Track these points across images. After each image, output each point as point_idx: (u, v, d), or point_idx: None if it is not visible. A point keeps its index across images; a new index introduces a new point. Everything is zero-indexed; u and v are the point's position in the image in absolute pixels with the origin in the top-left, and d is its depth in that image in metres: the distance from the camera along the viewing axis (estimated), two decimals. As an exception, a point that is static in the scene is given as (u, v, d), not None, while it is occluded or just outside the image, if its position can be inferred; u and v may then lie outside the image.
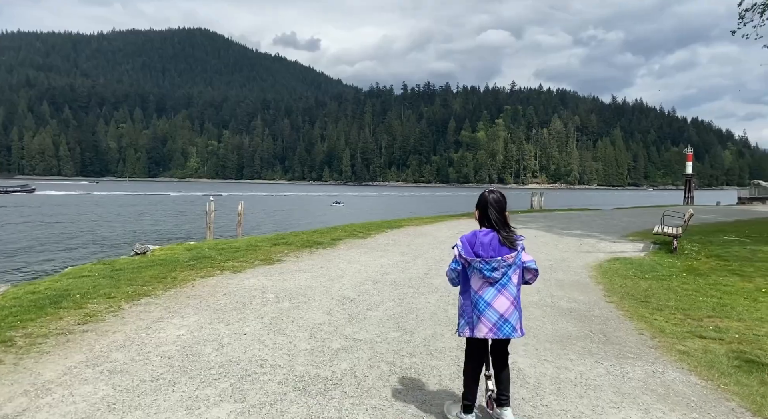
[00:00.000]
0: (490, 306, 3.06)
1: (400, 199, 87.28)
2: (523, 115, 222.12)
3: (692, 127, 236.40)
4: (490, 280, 3.05)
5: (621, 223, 17.60)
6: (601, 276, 8.70)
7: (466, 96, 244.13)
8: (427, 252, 10.38)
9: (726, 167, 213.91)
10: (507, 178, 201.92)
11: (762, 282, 7.99)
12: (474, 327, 3.10)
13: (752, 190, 50.42)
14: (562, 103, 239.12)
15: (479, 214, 3.26)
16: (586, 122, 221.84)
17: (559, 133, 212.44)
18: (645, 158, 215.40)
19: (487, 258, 3.05)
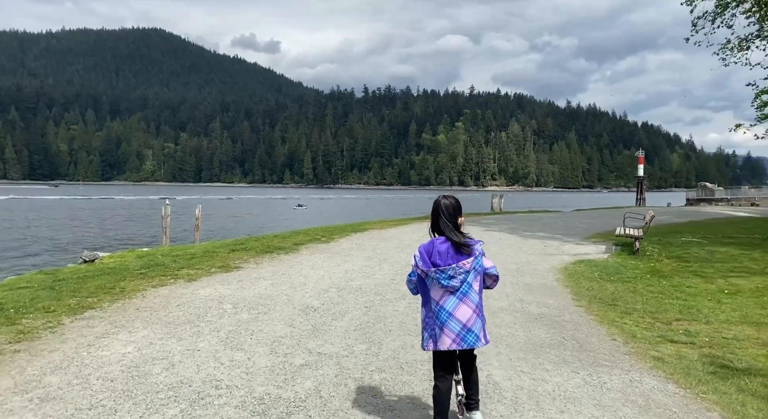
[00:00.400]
0: (453, 316, 2.95)
1: (363, 202, 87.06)
2: (482, 118, 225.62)
3: (643, 131, 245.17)
4: (450, 289, 2.95)
5: (582, 225, 17.81)
6: (568, 279, 8.63)
7: (426, 99, 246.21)
8: (392, 256, 10.11)
9: (674, 170, 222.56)
10: (467, 181, 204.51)
11: (723, 284, 8.06)
12: (437, 339, 2.99)
13: (699, 191, 52.52)
14: (519, 107, 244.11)
15: (432, 221, 3.15)
16: (542, 126, 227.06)
17: (516, 136, 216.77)
18: (599, 161, 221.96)
19: (443, 266, 2.94)
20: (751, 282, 8.08)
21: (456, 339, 2.95)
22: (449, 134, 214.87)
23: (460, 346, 2.97)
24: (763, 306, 6.71)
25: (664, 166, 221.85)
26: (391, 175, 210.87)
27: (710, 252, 10.96)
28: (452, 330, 2.95)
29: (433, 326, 3.01)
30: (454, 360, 3.13)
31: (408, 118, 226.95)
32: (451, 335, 2.95)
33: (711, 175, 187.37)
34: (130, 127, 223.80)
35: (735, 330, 5.71)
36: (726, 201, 47.06)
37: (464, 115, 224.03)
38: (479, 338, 3.00)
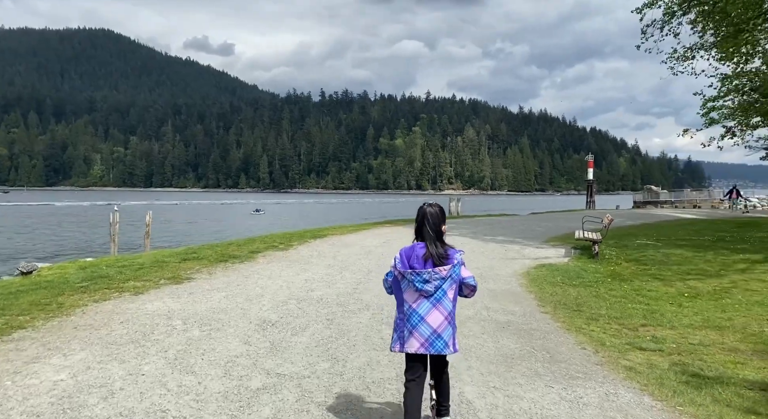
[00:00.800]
0: (424, 321, 2.96)
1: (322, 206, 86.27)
2: (439, 123, 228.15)
3: (591, 136, 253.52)
4: (424, 293, 2.97)
5: (540, 228, 17.95)
6: (531, 284, 8.53)
7: (383, 104, 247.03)
8: (354, 263, 9.79)
9: (621, 173, 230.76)
10: (425, 185, 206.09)
11: (682, 287, 8.12)
12: (405, 341, 3.00)
13: (645, 194, 54.41)
14: (474, 112, 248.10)
15: (416, 227, 3.21)
16: (496, 131, 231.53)
17: (472, 141, 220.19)
18: (550, 165, 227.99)
19: (418, 270, 2.99)
20: (708, 284, 8.18)
21: (425, 343, 2.96)
22: (407, 139, 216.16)
23: (428, 351, 2.98)
24: (723, 309, 6.75)
25: (612, 169, 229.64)
26: (349, 179, 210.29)
27: (666, 254, 11.13)
28: (422, 335, 2.95)
29: (403, 328, 3.02)
30: (425, 364, 3.11)
31: (365, 122, 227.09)
32: (420, 339, 2.96)
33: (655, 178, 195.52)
34: (76, 131, 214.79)
35: (700, 335, 5.68)
36: (670, 203, 48.80)
37: (421, 120, 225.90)
38: (448, 345, 2.99)
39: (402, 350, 3.02)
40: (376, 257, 10.53)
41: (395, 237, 13.76)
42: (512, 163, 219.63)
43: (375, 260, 10.19)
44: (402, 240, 13.33)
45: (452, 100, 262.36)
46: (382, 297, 7.10)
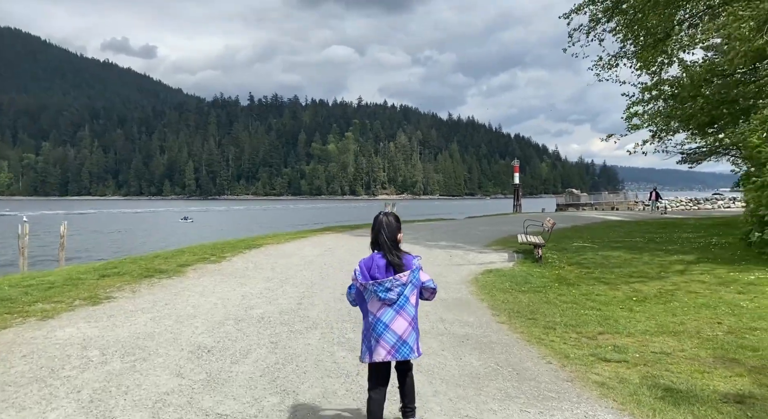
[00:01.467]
0: (389, 328, 3.01)
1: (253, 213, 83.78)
2: (371, 128, 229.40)
3: (516, 142, 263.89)
4: (387, 302, 3.02)
5: (479, 232, 17.96)
6: (481, 291, 8.27)
7: (315, 109, 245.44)
8: (295, 275, 9.16)
9: (543, 177, 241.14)
10: (358, 190, 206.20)
11: (628, 290, 8.11)
12: (372, 350, 3.03)
13: (567, 197, 56.79)
14: (405, 118, 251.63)
15: (372, 237, 3.23)
16: (427, 137, 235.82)
17: (404, 146, 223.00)
18: (478, 170, 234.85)
19: (380, 279, 3.02)
20: (652, 287, 8.22)
21: (391, 350, 3.00)
22: (339, 144, 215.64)
23: (395, 358, 3.02)
24: (673, 313, 6.72)
25: (535, 174, 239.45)
26: (280, 185, 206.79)
27: (604, 257, 11.27)
28: (388, 342, 2.99)
29: (370, 338, 3.05)
30: (388, 372, 3.15)
31: (297, 127, 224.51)
32: (387, 346, 3.00)
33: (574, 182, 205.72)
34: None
35: (659, 342, 5.55)
36: (590, 205, 50.98)
37: (353, 125, 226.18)
38: (413, 350, 3.07)
39: (371, 360, 3.03)
40: (318, 268, 9.95)
41: (336, 246, 13.22)
42: (443, 168, 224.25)
43: (317, 271, 9.61)
44: (344, 248, 12.82)
45: (384, 105, 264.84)
46: (331, 312, 6.57)
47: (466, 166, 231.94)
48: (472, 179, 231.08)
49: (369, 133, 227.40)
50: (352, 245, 13.36)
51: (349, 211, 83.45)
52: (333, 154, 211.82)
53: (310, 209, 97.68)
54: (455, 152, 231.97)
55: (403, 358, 3.05)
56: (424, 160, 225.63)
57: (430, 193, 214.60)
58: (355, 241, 14.19)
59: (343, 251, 12.20)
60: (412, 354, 3.06)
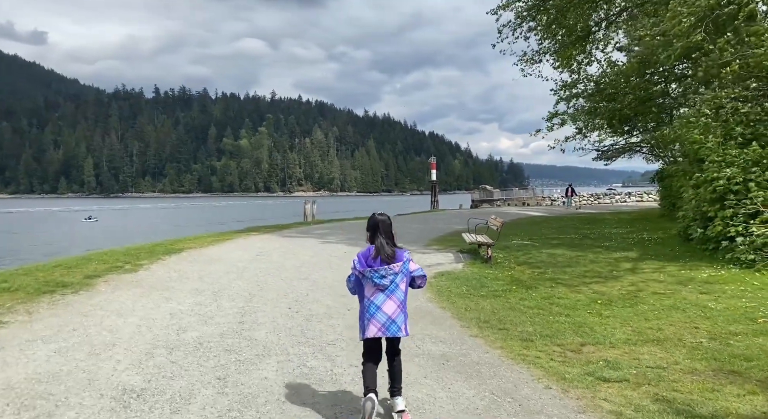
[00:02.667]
0: (380, 309, 3.49)
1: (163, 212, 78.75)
2: (286, 124, 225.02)
3: (430, 140, 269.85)
4: (380, 287, 3.52)
5: (414, 231, 17.45)
6: (439, 297, 7.67)
7: (226, 103, 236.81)
8: (229, 286, 8.05)
9: (457, 174, 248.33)
10: (274, 187, 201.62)
11: (589, 292, 7.82)
12: (365, 328, 3.51)
13: (481, 193, 58.36)
14: (321, 114, 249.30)
15: (370, 234, 3.73)
16: (344, 133, 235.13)
17: (320, 142, 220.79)
18: (395, 167, 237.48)
19: (376, 267, 3.52)
20: (611, 288, 8.00)
21: (381, 328, 3.48)
22: (252, 139, 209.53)
23: (385, 334, 3.51)
24: (644, 316, 6.43)
25: (449, 171, 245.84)
26: (190, 182, 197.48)
27: (550, 255, 11.08)
28: (379, 321, 3.47)
29: (363, 317, 3.54)
30: (380, 350, 3.66)
31: (207, 121, 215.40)
32: (377, 324, 3.48)
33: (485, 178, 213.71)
34: None
35: (647, 354, 5.16)
36: (503, 201, 52.48)
37: (267, 120, 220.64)
38: (401, 329, 3.56)
39: (364, 336, 3.53)
40: (253, 276, 8.88)
41: (268, 249, 12.11)
42: (360, 164, 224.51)
43: (253, 280, 8.54)
44: (277, 251, 11.74)
45: (299, 101, 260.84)
46: (281, 333, 5.65)
47: (383, 163, 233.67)
48: (389, 176, 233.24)
49: (284, 128, 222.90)
50: (285, 248, 12.32)
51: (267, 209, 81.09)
52: (246, 149, 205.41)
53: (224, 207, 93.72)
54: (372, 149, 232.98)
55: (392, 335, 3.52)
56: (341, 157, 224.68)
57: (348, 189, 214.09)
58: (287, 244, 13.15)
59: (277, 255, 11.15)
60: (400, 332, 3.55)
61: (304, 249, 12.23)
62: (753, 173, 8.37)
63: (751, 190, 8.27)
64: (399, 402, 3.60)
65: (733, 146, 8.99)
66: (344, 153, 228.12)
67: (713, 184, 8.73)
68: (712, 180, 8.78)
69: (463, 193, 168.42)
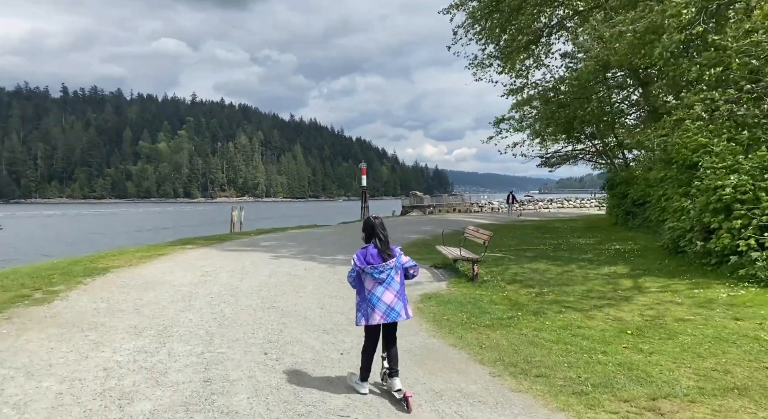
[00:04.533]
0: (381, 300, 4.15)
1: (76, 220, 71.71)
2: (207, 127, 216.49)
3: (358, 145, 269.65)
4: (379, 281, 4.17)
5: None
6: (440, 329, 6.43)
7: (142, 104, 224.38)
8: (178, 321, 6.33)
9: (384, 180, 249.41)
10: (194, 192, 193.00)
11: (605, 318, 6.84)
12: (369, 317, 4.14)
13: (412, 199, 58.06)
14: (245, 117, 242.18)
15: (367, 235, 4.42)
16: (269, 137, 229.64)
17: (244, 147, 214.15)
18: (322, 172, 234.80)
19: (376, 264, 4.20)
20: (628, 312, 7.06)
21: (383, 315, 4.14)
22: (171, 143, 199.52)
23: (386, 320, 4.15)
24: (695, 353, 5.46)
25: (376, 176, 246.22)
26: (102, 187, 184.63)
27: (533, 270, 10.16)
28: (380, 309, 4.14)
29: (366, 308, 4.18)
30: (378, 334, 4.32)
31: (121, 123, 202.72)
32: (380, 313, 4.13)
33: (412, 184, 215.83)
34: None
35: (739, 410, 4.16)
36: (433, 207, 52.18)
37: (188, 123, 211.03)
38: (400, 314, 4.22)
39: (368, 323, 4.16)
40: (205, 305, 7.17)
41: (213, 267, 10.27)
42: (286, 169, 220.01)
43: (207, 312, 6.85)
44: (226, 270, 9.94)
45: (221, 104, 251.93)
46: (269, 397, 4.17)
47: (309, 168, 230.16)
48: (316, 181, 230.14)
49: (205, 131, 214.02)
50: (233, 265, 10.55)
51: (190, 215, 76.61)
52: (164, 153, 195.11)
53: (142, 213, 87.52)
54: (299, 154, 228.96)
55: (393, 321, 4.19)
56: (266, 162, 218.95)
57: (273, 195, 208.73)
58: (234, 260, 11.37)
59: (227, 275, 9.41)
60: (399, 317, 4.20)
61: (257, 266, 10.56)
62: (765, 180, 7.77)
63: (762, 200, 7.68)
64: (397, 382, 4.18)
65: (738, 151, 8.43)
66: (270, 157, 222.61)
67: (717, 192, 8.09)
68: (716, 188, 8.14)
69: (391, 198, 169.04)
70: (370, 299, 4.11)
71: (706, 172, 8.75)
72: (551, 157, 25.93)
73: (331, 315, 6.90)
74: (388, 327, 4.24)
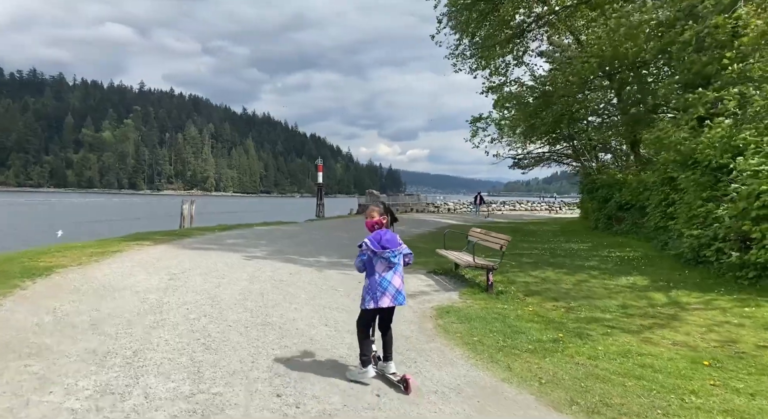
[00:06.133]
0: (391, 284, 4.23)
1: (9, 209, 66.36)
2: (156, 117, 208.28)
3: (312, 142, 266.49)
4: (391, 265, 4.24)
5: (346, 241, 14.76)
6: (478, 356, 5.28)
7: (86, 90, 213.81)
8: (150, 343, 4.87)
9: (338, 178, 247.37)
10: (139, 184, 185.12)
11: (663, 342, 5.88)
12: (378, 299, 4.18)
13: (368, 198, 57.07)
14: (195, 109, 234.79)
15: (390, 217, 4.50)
16: (220, 130, 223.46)
17: (194, 139, 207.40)
18: (275, 168, 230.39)
19: (392, 249, 4.23)
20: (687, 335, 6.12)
21: (392, 299, 4.22)
22: (117, 131, 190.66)
23: (394, 303, 4.25)
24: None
25: (331, 174, 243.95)
26: (40, 175, 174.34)
27: (544, 279, 9.22)
28: (390, 293, 4.22)
29: (376, 291, 4.21)
30: (374, 318, 4.40)
31: (62, 109, 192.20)
32: (389, 296, 4.21)
33: (366, 183, 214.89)
34: None
35: None
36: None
37: (134, 112, 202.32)
38: (405, 297, 4.33)
39: (377, 306, 4.19)
40: (182, 320, 5.73)
41: (183, 267, 8.74)
42: (238, 163, 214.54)
43: (186, 329, 5.42)
44: (198, 271, 8.43)
45: (170, 93, 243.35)
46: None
47: (262, 163, 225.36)
48: (269, 177, 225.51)
49: (153, 121, 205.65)
50: (204, 266, 9.05)
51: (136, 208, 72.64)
52: (109, 142, 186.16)
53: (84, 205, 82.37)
54: (251, 148, 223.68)
55: (399, 304, 4.27)
56: (216, 155, 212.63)
57: (223, 189, 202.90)
58: (202, 259, 9.85)
59: (200, 279, 7.94)
60: (404, 300, 4.33)
61: (232, 268, 9.10)
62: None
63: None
64: (392, 366, 4.40)
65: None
66: (220, 151, 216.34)
67: (762, 197, 7.34)
68: (759, 193, 7.39)
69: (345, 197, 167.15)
70: (380, 282, 4.18)
71: (741, 175, 8.02)
72: (524, 158, 25.38)
73: (341, 335, 5.64)
74: (388, 311, 4.33)
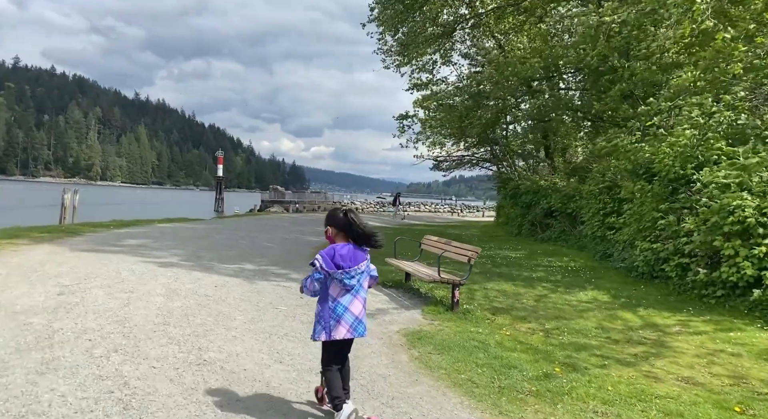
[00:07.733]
0: (348, 310, 3.38)
1: None
2: (32, 96, 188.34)
3: (210, 133, 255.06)
4: (348, 288, 3.38)
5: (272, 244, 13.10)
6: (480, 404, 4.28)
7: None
8: (43, 402, 3.26)
9: (238, 171, 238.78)
10: (11, 169, 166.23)
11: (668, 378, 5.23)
12: (332, 330, 3.35)
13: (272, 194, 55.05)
14: (80, 90, 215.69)
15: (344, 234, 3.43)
16: (108, 115, 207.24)
17: (78, 123, 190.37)
18: (169, 158, 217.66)
19: (347, 268, 3.34)
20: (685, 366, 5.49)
21: (350, 329, 3.39)
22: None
23: (353, 335, 3.41)
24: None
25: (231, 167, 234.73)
26: None
27: (501, 292, 8.48)
28: (347, 322, 3.37)
29: (329, 319, 3.37)
30: (341, 351, 3.49)
31: None
32: (346, 326, 3.37)
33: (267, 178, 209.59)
34: None
35: None
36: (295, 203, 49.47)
37: (7, 89, 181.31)
38: (365, 328, 3.49)
39: (330, 338, 3.34)
40: (85, 359, 4.14)
41: (75, 276, 6.91)
42: (127, 151, 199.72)
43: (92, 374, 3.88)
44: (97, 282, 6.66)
45: (51, 72, 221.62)
46: None
47: (155, 152, 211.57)
48: (162, 167, 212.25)
49: (30, 101, 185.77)
50: (105, 276, 7.24)
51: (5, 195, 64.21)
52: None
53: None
54: (143, 136, 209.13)
55: (360, 336, 3.44)
56: (103, 141, 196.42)
57: (110, 178, 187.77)
58: (99, 265, 8.00)
59: (102, 294, 6.22)
60: (365, 331, 3.47)
61: (141, 278, 7.40)
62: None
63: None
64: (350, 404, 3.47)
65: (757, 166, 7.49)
66: (108, 137, 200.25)
67: (736, 213, 7.07)
68: (733, 208, 7.11)
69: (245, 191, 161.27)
70: (335, 309, 3.37)
71: (707, 188, 7.77)
72: (444, 160, 25.09)
73: (300, 375, 4.37)
74: (348, 342, 3.54)
